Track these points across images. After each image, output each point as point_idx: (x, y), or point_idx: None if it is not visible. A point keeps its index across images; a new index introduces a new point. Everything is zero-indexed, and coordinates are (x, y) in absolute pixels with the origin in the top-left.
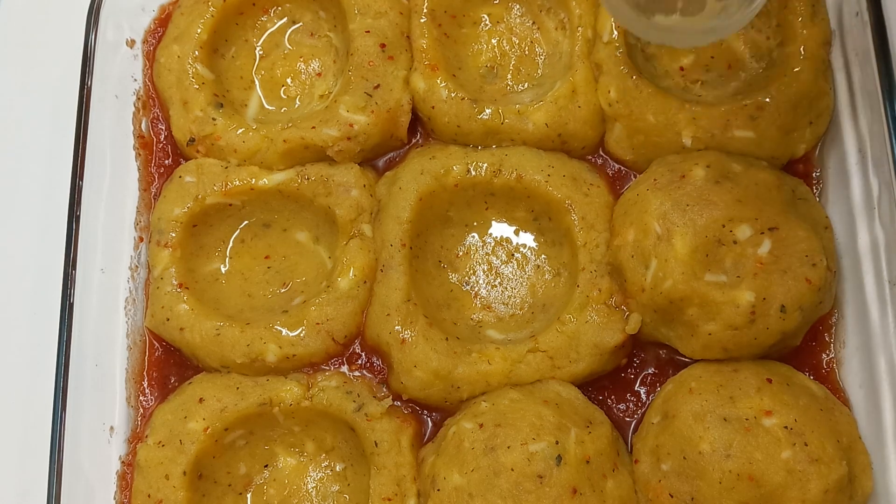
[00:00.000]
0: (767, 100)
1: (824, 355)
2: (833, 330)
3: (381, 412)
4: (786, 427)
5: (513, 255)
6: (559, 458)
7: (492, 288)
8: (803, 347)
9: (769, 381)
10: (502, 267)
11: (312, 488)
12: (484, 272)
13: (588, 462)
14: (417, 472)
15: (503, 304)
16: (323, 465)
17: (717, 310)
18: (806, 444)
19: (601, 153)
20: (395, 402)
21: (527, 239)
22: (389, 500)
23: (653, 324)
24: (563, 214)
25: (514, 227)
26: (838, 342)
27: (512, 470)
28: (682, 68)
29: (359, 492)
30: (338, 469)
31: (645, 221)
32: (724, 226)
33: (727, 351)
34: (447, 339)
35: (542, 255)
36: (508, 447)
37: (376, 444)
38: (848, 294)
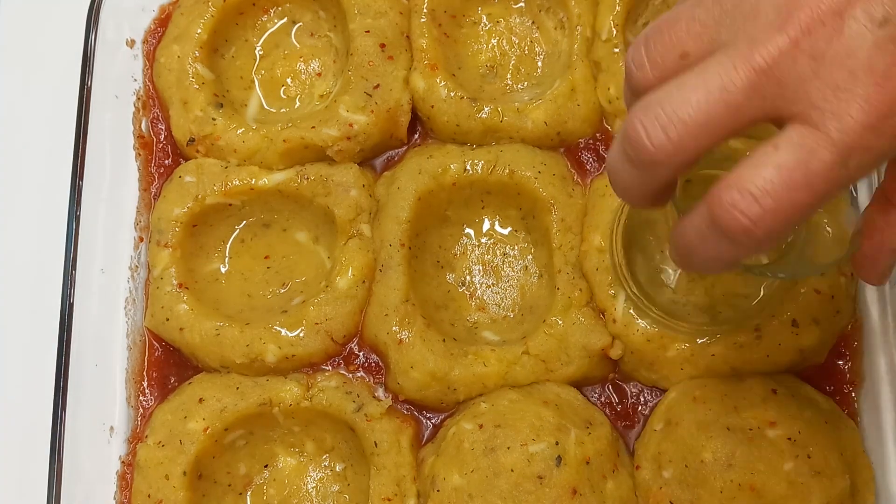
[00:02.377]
0: None
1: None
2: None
3: (380, 412)
4: (789, 438)
5: (505, 255)
6: (559, 459)
7: (486, 288)
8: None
9: (774, 391)
10: (496, 267)
11: (312, 488)
12: (479, 272)
13: (588, 463)
14: (417, 473)
15: (496, 304)
16: (323, 465)
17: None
18: (809, 457)
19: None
20: (396, 405)
21: (516, 239)
22: (389, 500)
23: (631, 364)
24: (545, 214)
25: (506, 227)
26: None
27: (512, 471)
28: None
29: (358, 492)
30: (338, 469)
31: (606, 229)
32: None
33: (736, 369)
34: (444, 340)
35: (529, 256)
36: (508, 448)
37: (376, 445)
38: None
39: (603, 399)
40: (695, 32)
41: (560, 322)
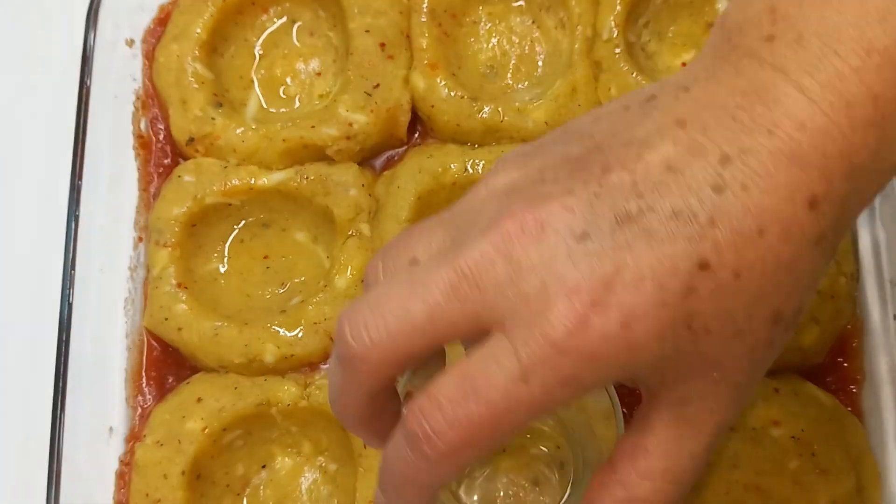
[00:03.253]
0: None
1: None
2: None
3: None
4: (793, 437)
5: None
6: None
7: None
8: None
9: (777, 390)
10: None
11: (306, 490)
12: None
13: None
14: None
15: None
16: (318, 466)
17: None
18: (813, 455)
19: None
20: None
21: None
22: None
23: None
24: None
25: None
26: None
27: None
28: (683, 64)
29: (345, 493)
30: (331, 470)
31: None
32: None
33: None
34: None
35: None
36: None
37: (365, 446)
38: None
39: None
40: (425, 239)
41: None
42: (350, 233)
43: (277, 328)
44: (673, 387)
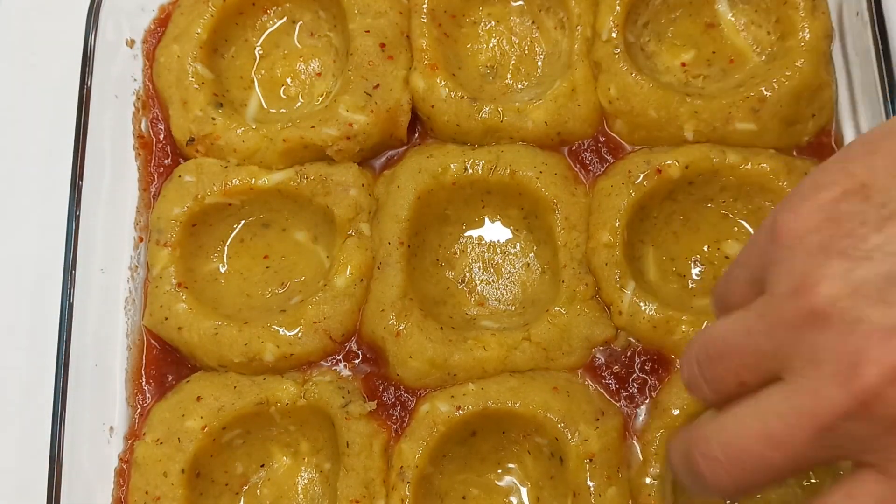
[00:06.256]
0: (769, 93)
1: None
2: None
3: (361, 413)
4: None
5: (506, 252)
6: (560, 460)
7: (486, 284)
8: None
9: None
10: (496, 265)
11: (301, 489)
12: (479, 270)
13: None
14: (387, 474)
15: (496, 300)
16: (314, 464)
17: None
18: None
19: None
20: (381, 412)
21: (518, 237)
22: (357, 502)
23: (643, 342)
24: (548, 213)
25: (507, 226)
26: None
27: None
28: (683, 64)
29: (335, 492)
30: (325, 469)
31: (614, 225)
32: (707, 247)
33: None
34: (441, 328)
35: (531, 254)
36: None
37: (348, 445)
38: None
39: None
40: (750, 364)
41: (564, 312)
42: (350, 232)
43: (277, 327)
44: None
